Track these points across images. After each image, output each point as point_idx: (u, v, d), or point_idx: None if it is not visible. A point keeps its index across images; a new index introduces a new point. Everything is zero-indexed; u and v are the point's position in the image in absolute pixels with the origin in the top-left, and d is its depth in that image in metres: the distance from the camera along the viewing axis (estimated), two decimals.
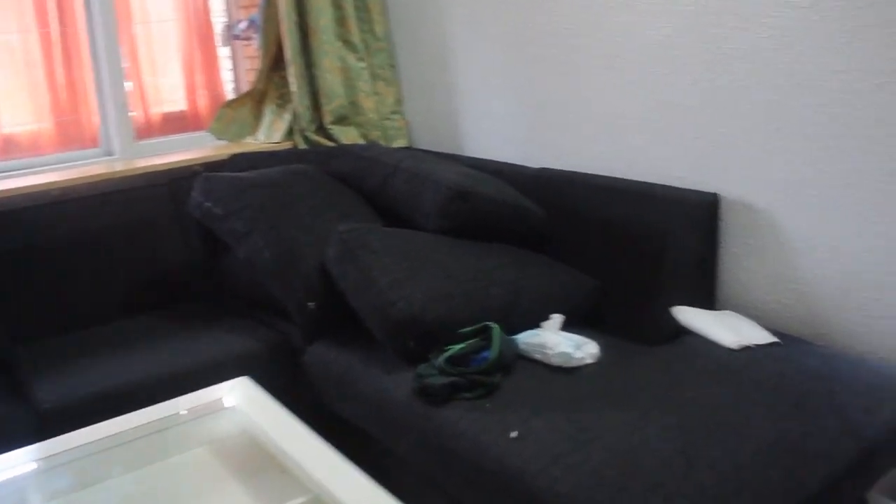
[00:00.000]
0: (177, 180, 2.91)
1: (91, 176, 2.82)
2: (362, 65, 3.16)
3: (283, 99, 3.22)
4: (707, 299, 2.25)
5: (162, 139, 3.22)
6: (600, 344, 2.04)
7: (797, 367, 1.85)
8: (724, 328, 2.05)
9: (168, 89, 3.29)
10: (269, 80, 3.22)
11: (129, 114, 3.08)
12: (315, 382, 2.25)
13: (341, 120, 3.15)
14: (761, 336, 2.01)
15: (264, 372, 2.31)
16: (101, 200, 2.77)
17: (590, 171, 2.55)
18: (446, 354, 1.87)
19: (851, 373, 1.82)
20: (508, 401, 1.79)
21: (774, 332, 2.05)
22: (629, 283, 2.29)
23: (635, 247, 2.28)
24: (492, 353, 1.85)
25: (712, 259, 2.24)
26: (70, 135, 3.04)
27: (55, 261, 2.60)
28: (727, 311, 2.19)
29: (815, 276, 2.04)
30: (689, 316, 2.12)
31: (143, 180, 2.94)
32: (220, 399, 1.82)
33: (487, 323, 1.98)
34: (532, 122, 2.73)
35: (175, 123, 3.30)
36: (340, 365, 2.15)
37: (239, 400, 1.79)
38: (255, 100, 3.25)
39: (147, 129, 3.21)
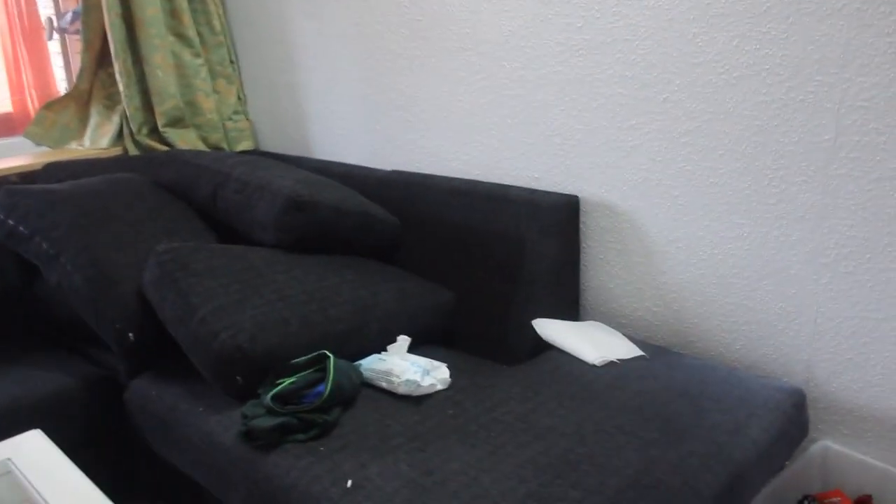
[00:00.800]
0: None
1: None
2: (199, 61, 2.87)
3: (111, 99, 2.89)
4: (570, 309, 2.09)
5: None
6: (453, 366, 1.85)
7: (664, 383, 1.70)
8: (588, 342, 1.89)
9: None
10: (95, 78, 2.89)
11: None
12: (138, 424, 1.98)
13: (176, 122, 2.86)
14: (626, 349, 1.86)
15: (81, 415, 2.03)
16: None
17: (444, 174, 2.37)
18: (274, 391, 1.64)
19: (720, 387, 1.69)
20: (347, 441, 1.57)
21: (643, 343, 1.91)
22: (486, 295, 2.11)
23: (492, 254, 2.10)
24: (326, 387, 1.63)
25: (574, 265, 2.09)
26: None
27: None
28: (592, 322, 2.05)
29: (680, 282, 1.91)
30: (550, 329, 1.96)
31: None
32: None
33: (323, 352, 1.75)
34: (383, 121, 2.52)
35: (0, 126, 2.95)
36: (164, 403, 1.88)
37: (22, 461, 1.51)
38: (79, 101, 2.91)
39: None
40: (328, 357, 1.71)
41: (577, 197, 2.04)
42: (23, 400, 1.96)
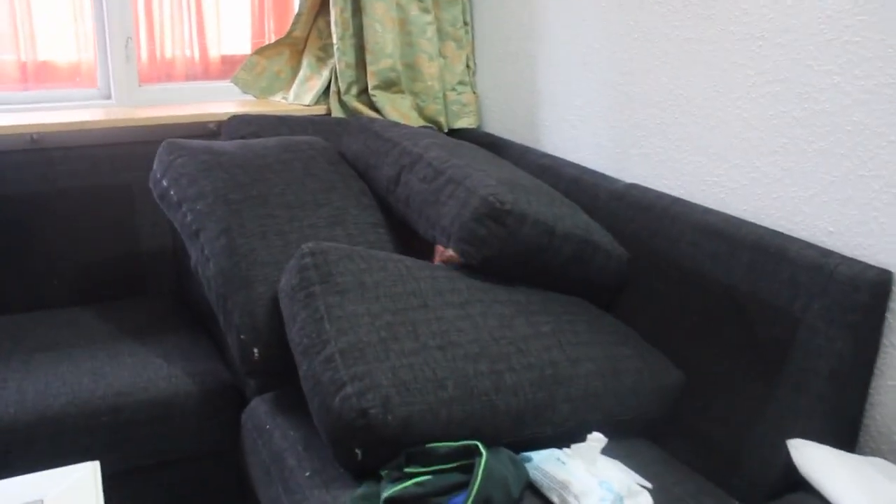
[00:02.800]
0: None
1: (74, 123, 2.21)
2: (427, 18, 2.41)
3: (325, 52, 2.51)
4: (847, 433, 1.41)
5: (175, 86, 2.59)
6: (663, 488, 1.25)
7: None
8: (863, 490, 1.22)
9: (229, 27, 2.66)
10: (312, 26, 2.52)
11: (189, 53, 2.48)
12: (244, 456, 1.57)
13: (390, 86, 2.42)
14: None
15: (190, 426, 1.65)
16: (78, 154, 2.17)
17: (698, 202, 1.74)
18: (392, 490, 1.13)
19: None
20: None
21: None
22: (726, 385, 1.48)
23: (747, 330, 1.46)
24: (468, 499, 1.10)
25: (866, 371, 1.40)
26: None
27: (11, 222, 2.02)
28: (876, 460, 1.36)
29: None
30: (812, 458, 1.30)
31: (137, 134, 2.31)
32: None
33: (475, 443, 1.22)
34: (629, 118, 1.92)
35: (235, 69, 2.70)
36: (273, 446, 1.45)
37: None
38: (293, 49, 2.56)
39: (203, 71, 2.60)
40: (480, 454, 1.18)
41: (890, 273, 1.35)
42: (127, 396, 1.60)
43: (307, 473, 1.32)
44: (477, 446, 1.20)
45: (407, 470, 1.19)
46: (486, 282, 1.55)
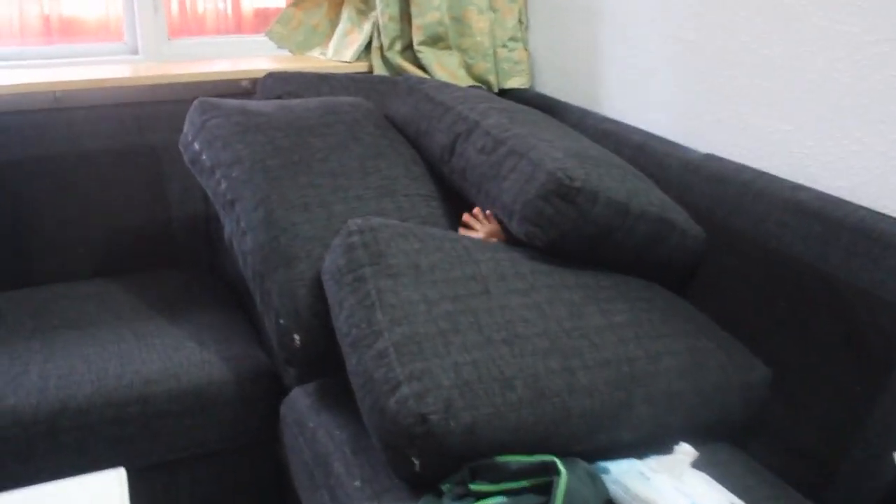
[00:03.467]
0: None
1: (99, 80, 2.05)
2: None
3: (367, 3, 2.33)
4: None
5: (207, 40, 2.43)
6: None
7: None
8: None
9: None
10: None
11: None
12: (284, 450, 1.44)
13: (437, 41, 2.24)
14: None
15: (226, 417, 1.52)
16: (103, 114, 2.02)
17: (787, 177, 1.55)
18: None
19: None
20: None
21: None
22: (822, 385, 1.32)
23: (848, 325, 1.30)
24: None
25: None
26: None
27: (31, 188, 1.89)
28: None
29: None
30: None
31: (166, 92, 2.16)
32: None
33: (552, 459, 1.07)
34: (708, 79, 1.73)
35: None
36: (317, 446, 1.31)
37: None
38: (333, 0, 2.38)
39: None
40: (558, 472, 1.03)
41: None
42: (156, 385, 1.47)
43: (357, 483, 1.18)
44: (554, 463, 1.05)
45: (472, 486, 1.05)
46: (551, 264, 1.39)
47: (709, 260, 1.57)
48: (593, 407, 1.19)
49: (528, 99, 2.22)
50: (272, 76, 1.98)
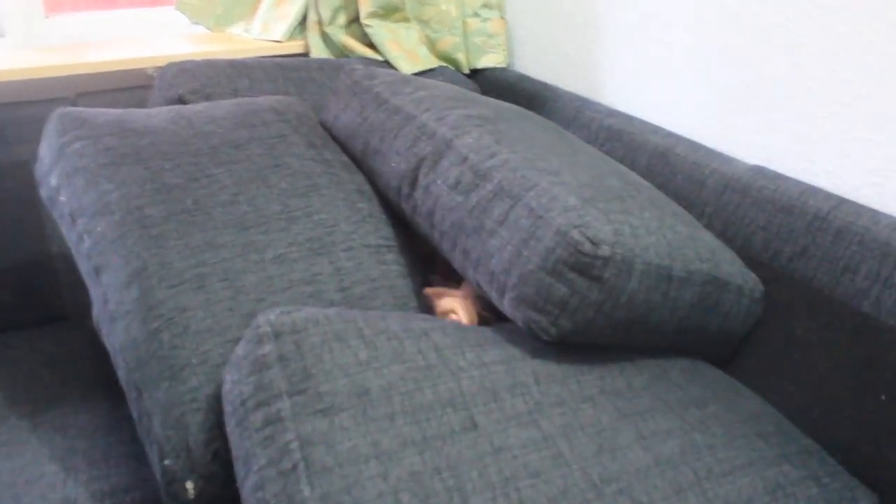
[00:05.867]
0: (87, 97, 1.65)
1: None
2: None
3: None
4: None
5: (98, 16, 1.93)
6: None
7: None
8: None
9: None
10: None
11: None
12: None
13: (390, 12, 1.76)
14: None
15: None
16: None
17: (871, 205, 1.13)
18: None
19: None
20: None
21: None
22: None
23: None
24: None
25: None
26: None
27: None
28: None
29: None
30: None
31: (43, 88, 1.69)
32: None
33: None
34: (746, 71, 1.29)
35: None
36: None
37: None
38: None
39: None
40: None
41: None
42: None
43: None
44: None
45: None
46: (561, 361, 0.95)
47: (769, 321, 1.15)
48: None
49: (506, 82, 1.76)
50: (172, 67, 1.50)
